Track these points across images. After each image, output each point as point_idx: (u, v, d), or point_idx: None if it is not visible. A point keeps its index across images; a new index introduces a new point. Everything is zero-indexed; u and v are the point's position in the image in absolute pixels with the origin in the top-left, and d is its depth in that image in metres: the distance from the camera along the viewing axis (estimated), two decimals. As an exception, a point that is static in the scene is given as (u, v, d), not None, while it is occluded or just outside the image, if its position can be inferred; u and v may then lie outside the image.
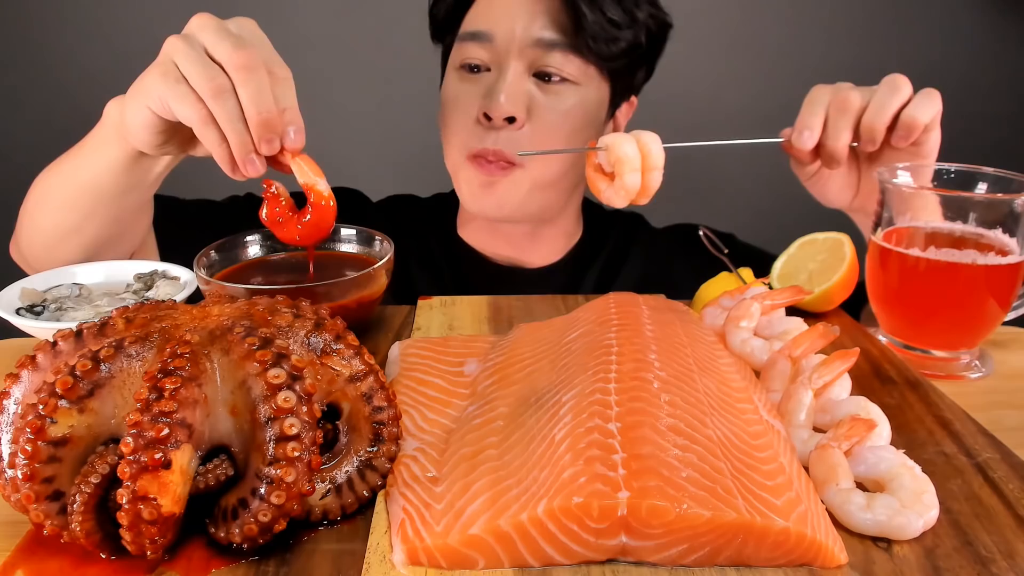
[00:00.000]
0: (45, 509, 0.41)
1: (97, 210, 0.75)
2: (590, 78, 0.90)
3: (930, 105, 0.70)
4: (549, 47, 0.87)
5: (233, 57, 0.58)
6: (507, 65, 0.87)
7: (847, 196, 0.81)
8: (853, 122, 0.71)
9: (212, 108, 0.59)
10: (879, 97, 0.71)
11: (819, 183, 0.81)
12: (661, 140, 0.68)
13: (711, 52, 1.89)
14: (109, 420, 0.42)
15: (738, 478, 0.43)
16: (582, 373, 0.50)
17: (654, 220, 1.14)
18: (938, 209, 0.68)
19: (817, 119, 0.72)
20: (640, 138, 0.67)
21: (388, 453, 0.48)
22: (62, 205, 0.76)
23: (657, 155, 0.67)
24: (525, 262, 1.04)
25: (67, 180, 0.75)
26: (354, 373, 0.48)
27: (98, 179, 0.73)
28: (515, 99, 0.86)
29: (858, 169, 0.80)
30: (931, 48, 1.89)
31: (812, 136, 0.72)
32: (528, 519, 0.40)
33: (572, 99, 0.89)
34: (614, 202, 0.69)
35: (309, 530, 0.45)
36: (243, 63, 0.58)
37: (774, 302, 0.65)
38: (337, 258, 0.75)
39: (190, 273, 0.73)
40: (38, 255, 0.80)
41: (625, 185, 0.66)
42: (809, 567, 0.41)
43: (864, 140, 0.72)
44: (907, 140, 0.71)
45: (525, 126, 0.88)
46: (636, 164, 0.66)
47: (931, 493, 0.45)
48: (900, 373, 0.64)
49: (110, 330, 0.46)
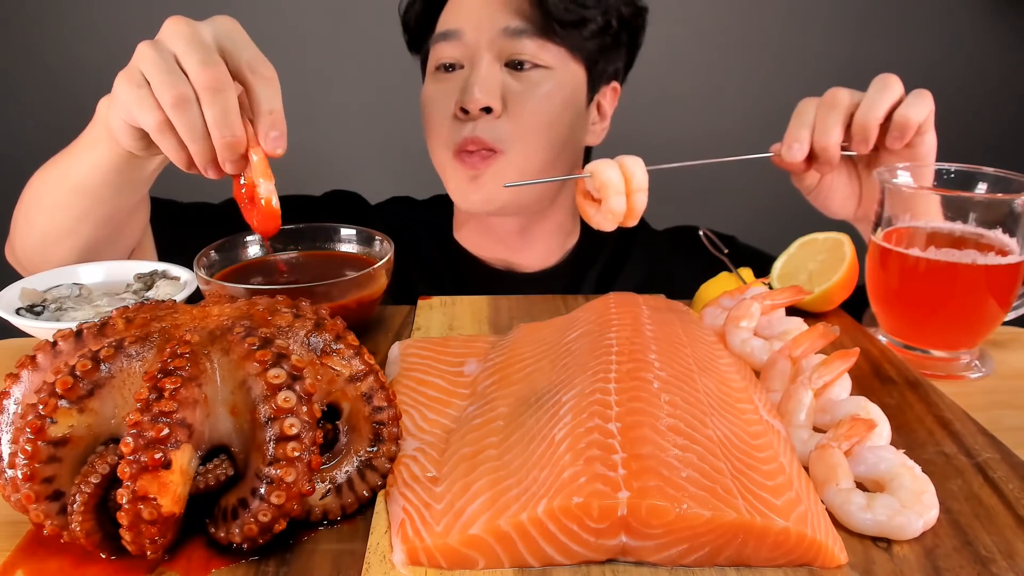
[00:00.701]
0: (45, 509, 0.41)
1: (91, 210, 0.75)
2: (563, 62, 0.91)
3: (922, 104, 0.70)
4: (518, 35, 0.88)
5: (200, 76, 0.57)
6: (479, 58, 0.89)
7: (851, 206, 0.80)
8: (843, 118, 0.71)
9: (171, 117, 0.58)
10: (869, 95, 0.70)
11: (821, 195, 0.80)
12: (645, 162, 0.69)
13: (711, 53, 1.89)
14: (109, 420, 0.42)
15: (738, 478, 0.43)
16: (582, 373, 0.50)
17: (654, 222, 1.14)
18: (939, 210, 0.68)
19: (805, 131, 0.72)
20: (623, 162, 0.68)
21: (388, 453, 0.48)
22: (56, 206, 0.76)
23: (640, 178, 0.68)
24: (521, 265, 1.04)
25: (61, 181, 0.75)
26: (354, 373, 0.48)
27: (91, 179, 0.72)
28: (489, 89, 0.87)
29: (859, 178, 0.79)
30: (931, 48, 1.90)
31: (802, 148, 0.72)
32: (528, 519, 0.40)
33: (547, 84, 0.90)
34: (603, 226, 0.70)
35: (309, 530, 0.45)
36: (208, 83, 0.56)
37: (774, 302, 0.65)
38: (337, 258, 0.75)
39: (190, 273, 0.73)
40: (31, 257, 0.80)
41: (611, 209, 0.68)
42: (809, 567, 0.41)
43: (857, 140, 0.71)
44: (902, 141, 0.70)
45: (503, 115, 0.89)
46: (620, 188, 0.68)
47: (931, 493, 0.45)
48: (900, 373, 0.64)
49: (110, 330, 0.46)
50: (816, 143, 0.72)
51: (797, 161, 0.72)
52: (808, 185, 0.79)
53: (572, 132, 0.94)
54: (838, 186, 0.79)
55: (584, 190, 0.71)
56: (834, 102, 0.71)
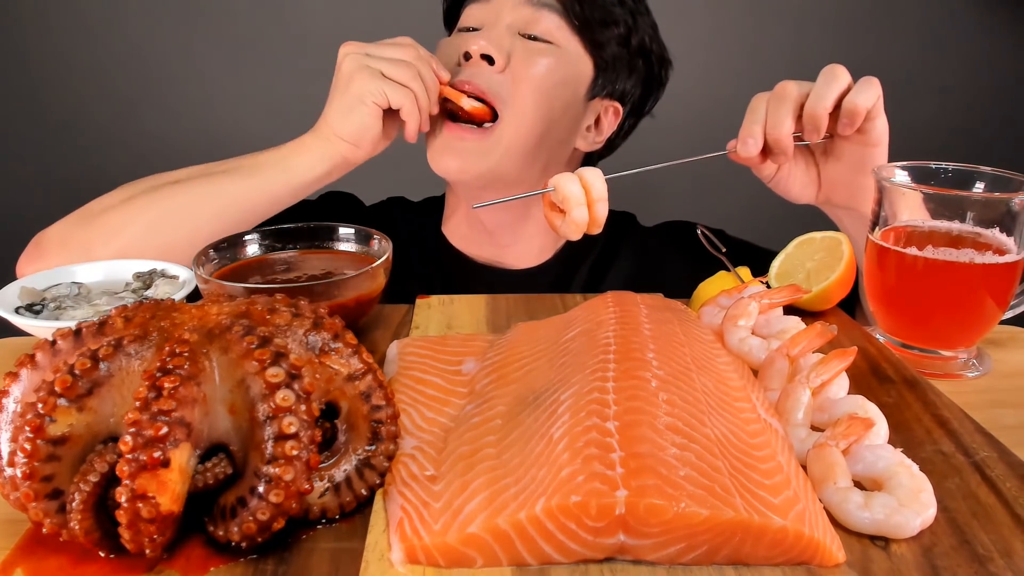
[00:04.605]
0: (44, 507, 0.41)
1: (239, 225, 0.83)
2: (574, 48, 0.94)
3: (870, 91, 0.72)
4: (542, 5, 0.92)
5: (406, 53, 0.84)
6: (498, 19, 0.92)
7: (811, 192, 0.84)
8: (793, 109, 0.74)
9: (413, 87, 0.83)
10: (818, 86, 0.74)
11: (781, 183, 0.83)
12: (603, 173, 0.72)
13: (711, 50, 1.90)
14: (108, 419, 0.42)
15: (736, 477, 0.43)
16: (580, 372, 0.50)
17: (647, 219, 1.14)
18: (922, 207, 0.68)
19: (758, 126, 0.75)
20: (582, 175, 0.72)
21: (386, 452, 0.48)
22: (214, 218, 0.83)
23: (599, 188, 0.71)
24: (508, 262, 1.04)
25: (232, 199, 0.85)
26: (352, 372, 0.48)
27: (278, 195, 0.86)
28: (496, 42, 0.90)
29: (816, 165, 0.83)
30: (929, 49, 1.90)
31: (756, 143, 0.75)
32: (526, 518, 0.40)
33: (552, 57, 0.92)
34: (569, 235, 0.74)
35: (308, 529, 0.45)
36: (412, 55, 0.85)
37: (772, 301, 0.65)
38: (335, 257, 0.75)
39: (189, 272, 0.73)
40: (98, 251, 0.81)
41: (575, 220, 0.71)
42: (807, 566, 0.41)
43: (808, 129, 0.74)
44: (851, 127, 0.73)
45: (505, 71, 0.90)
46: (581, 199, 0.71)
47: (929, 492, 0.45)
48: (898, 372, 0.64)
49: (109, 329, 0.46)
50: (769, 136, 0.74)
51: (752, 156, 0.75)
52: (767, 175, 0.83)
53: (564, 116, 0.95)
54: (796, 174, 0.82)
55: (550, 202, 0.74)
56: (783, 95, 0.74)
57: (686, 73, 1.12)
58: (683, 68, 1.08)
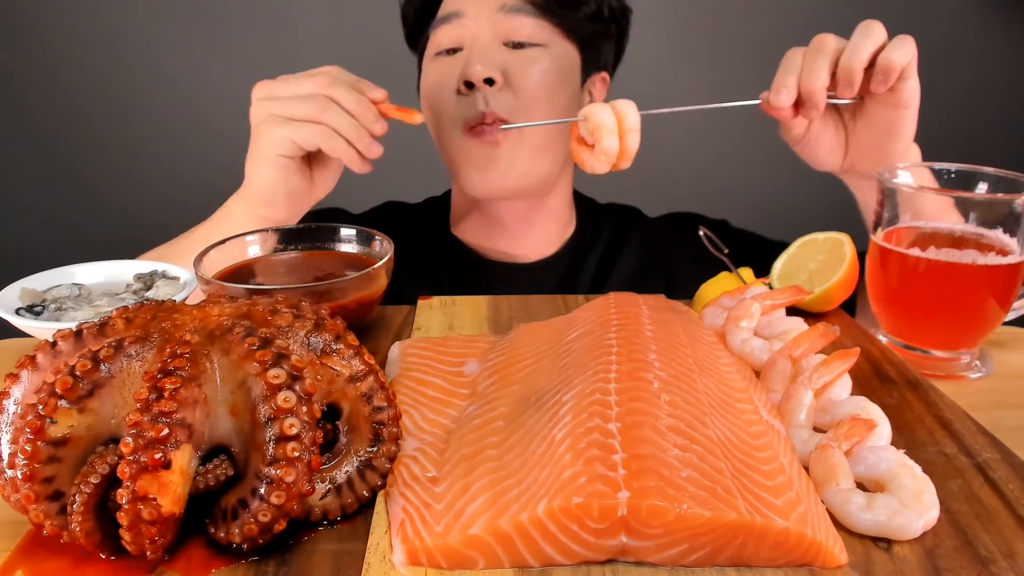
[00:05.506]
0: (45, 509, 0.41)
1: None
2: (558, 42, 0.95)
3: (905, 48, 0.72)
4: (515, 12, 0.92)
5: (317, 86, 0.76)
6: (478, 36, 0.92)
7: (837, 157, 0.83)
8: (830, 62, 0.73)
9: (324, 119, 0.75)
10: (854, 40, 0.73)
11: (808, 146, 0.82)
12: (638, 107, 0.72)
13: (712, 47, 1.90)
14: (109, 420, 0.42)
15: (738, 478, 0.43)
16: (582, 373, 0.50)
17: (648, 210, 1.14)
18: (941, 210, 0.68)
19: (792, 77, 0.74)
20: (616, 105, 0.71)
21: (388, 453, 0.48)
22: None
23: (633, 118, 0.71)
24: (520, 255, 1.05)
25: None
26: (354, 373, 0.48)
27: None
28: (489, 62, 0.90)
29: (845, 129, 0.82)
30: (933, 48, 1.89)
31: (790, 94, 0.74)
32: (528, 519, 0.40)
33: (544, 60, 0.93)
34: (596, 169, 0.72)
35: (309, 530, 0.45)
36: (325, 86, 0.76)
37: (774, 302, 0.65)
38: (337, 258, 0.75)
39: (190, 273, 0.72)
40: None
41: (604, 149, 0.70)
42: (809, 567, 0.41)
43: (842, 84, 0.73)
44: (885, 84, 0.72)
45: (504, 88, 0.91)
46: (613, 128, 0.70)
47: (931, 493, 0.45)
48: (900, 373, 0.64)
49: (110, 330, 0.45)
50: (803, 87, 0.74)
51: (785, 106, 0.75)
52: (796, 136, 0.81)
53: (568, 111, 0.97)
54: (825, 137, 0.81)
55: (578, 136, 0.73)
56: (821, 47, 0.74)
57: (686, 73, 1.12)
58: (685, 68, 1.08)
